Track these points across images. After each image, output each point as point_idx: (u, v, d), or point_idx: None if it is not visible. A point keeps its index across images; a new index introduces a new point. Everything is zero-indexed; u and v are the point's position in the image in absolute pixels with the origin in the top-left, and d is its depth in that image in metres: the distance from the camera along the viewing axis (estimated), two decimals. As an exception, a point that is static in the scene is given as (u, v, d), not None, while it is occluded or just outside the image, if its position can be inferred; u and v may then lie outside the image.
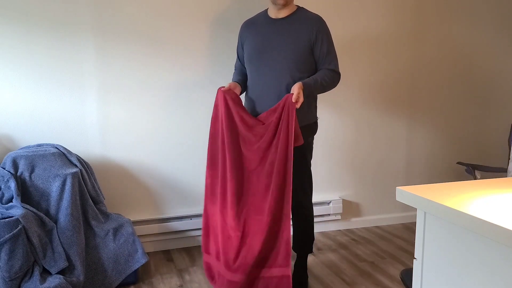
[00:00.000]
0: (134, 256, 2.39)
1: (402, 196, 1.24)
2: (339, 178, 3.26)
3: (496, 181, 1.33)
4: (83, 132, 2.69)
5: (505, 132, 3.57)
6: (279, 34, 2.24)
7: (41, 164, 2.27)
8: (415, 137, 3.44)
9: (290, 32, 2.22)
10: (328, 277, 2.54)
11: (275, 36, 2.25)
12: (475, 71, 3.52)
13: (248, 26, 2.39)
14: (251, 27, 2.37)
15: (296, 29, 2.23)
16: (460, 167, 3.38)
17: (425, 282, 1.23)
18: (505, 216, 0.98)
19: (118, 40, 2.68)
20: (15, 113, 2.56)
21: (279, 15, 2.27)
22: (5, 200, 2.18)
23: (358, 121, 3.26)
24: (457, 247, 1.10)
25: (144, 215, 2.87)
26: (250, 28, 2.37)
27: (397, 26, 3.25)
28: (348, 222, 3.35)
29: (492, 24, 3.50)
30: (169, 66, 2.79)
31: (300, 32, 2.22)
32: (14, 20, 2.48)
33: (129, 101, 2.75)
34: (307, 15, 2.28)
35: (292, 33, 2.22)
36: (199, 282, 2.49)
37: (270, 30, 2.27)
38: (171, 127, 2.86)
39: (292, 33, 2.22)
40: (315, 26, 2.23)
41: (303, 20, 2.25)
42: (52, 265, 2.12)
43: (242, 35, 2.41)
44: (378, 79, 3.27)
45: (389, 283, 2.47)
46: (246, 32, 2.38)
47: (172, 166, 2.90)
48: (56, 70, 2.59)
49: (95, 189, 2.46)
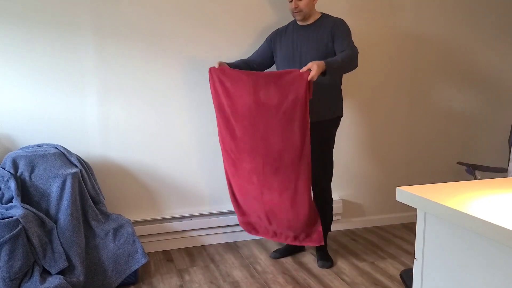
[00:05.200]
0: (134, 256, 2.39)
1: (402, 196, 1.24)
2: (339, 178, 3.25)
3: (496, 181, 1.33)
4: (83, 132, 2.69)
5: (505, 132, 3.57)
6: (305, 39, 2.54)
7: (41, 164, 2.27)
8: (415, 137, 3.44)
9: (314, 37, 2.52)
10: (328, 277, 2.54)
11: (303, 41, 2.55)
12: (475, 71, 3.52)
13: (280, 35, 2.67)
14: (282, 35, 2.65)
15: (319, 33, 2.52)
16: (460, 167, 3.37)
17: (425, 282, 1.23)
18: (505, 216, 0.98)
19: (118, 40, 2.68)
20: (15, 113, 2.56)
21: (305, 23, 2.59)
22: (5, 200, 2.18)
23: (357, 121, 3.26)
24: (457, 247, 1.10)
25: (144, 215, 2.87)
26: (281, 37, 2.65)
27: (397, 26, 3.25)
28: (348, 222, 3.35)
29: (492, 24, 3.50)
30: (169, 66, 2.79)
31: (322, 36, 2.51)
32: (14, 20, 2.48)
33: (129, 101, 2.75)
34: (328, 19, 2.56)
35: (316, 38, 2.52)
36: (199, 282, 2.49)
37: (299, 36, 2.58)
38: (171, 127, 2.86)
39: (316, 38, 2.52)
40: (332, 27, 2.51)
41: (324, 24, 2.54)
42: (52, 265, 2.12)
43: (273, 40, 2.70)
44: (377, 80, 3.27)
45: (389, 283, 2.47)
46: (277, 40, 2.66)
47: (172, 166, 2.89)
48: (56, 70, 2.59)
49: (95, 189, 2.46)
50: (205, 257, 2.82)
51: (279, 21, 2.86)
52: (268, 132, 2.41)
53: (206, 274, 2.57)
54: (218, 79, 2.51)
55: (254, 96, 2.40)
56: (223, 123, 2.55)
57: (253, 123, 2.43)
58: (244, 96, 2.43)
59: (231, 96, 2.48)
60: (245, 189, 2.63)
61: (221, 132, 2.59)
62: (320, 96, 2.54)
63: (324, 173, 2.68)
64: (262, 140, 2.43)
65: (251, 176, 2.54)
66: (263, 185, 2.51)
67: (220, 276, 2.55)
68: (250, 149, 2.49)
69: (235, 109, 2.48)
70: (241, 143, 2.51)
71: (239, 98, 2.45)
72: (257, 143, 2.45)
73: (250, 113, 2.43)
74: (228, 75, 2.49)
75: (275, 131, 2.39)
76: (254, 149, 2.47)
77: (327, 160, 2.68)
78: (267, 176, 2.48)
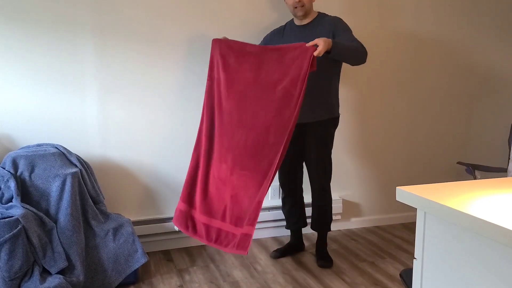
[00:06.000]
0: (134, 256, 2.39)
1: (402, 196, 1.24)
2: (339, 178, 3.25)
3: (496, 181, 1.33)
4: (83, 132, 2.69)
5: (505, 132, 3.57)
6: (304, 39, 2.43)
7: (41, 164, 2.27)
8: (415, 137, 3.44)
9: (312, 37, 2.41)
10: (328, 277, 2.54)
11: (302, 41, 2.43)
12: (475, 70, 3.52)
13: (277, 36, 2.66)
14: (280, 38, 2.64)
15: (318, 32, 2.48)
16: (460, 167, 3.38)
17: (425, 282, 1.23)
18: (505, 216, 0.98)
19: (118, 40, 2.68)
20: (15, 113, 2.56)
21: (302, 23, 2.59)
22: (5, 200, 2.18)
23: (357, 121, 3.26)
24: (457, 247, 1.10)
25: (144, 215, 2.87)
26: (279, 39, 2.63)
27: (397, 26, 3.25)
28: (348, 222, 3.35)
29: (492, 24, 3.50)
30: (169, 66, 2.79)
31: (321, 35, 2.42)
32: (14, 20, 2.48)
33: (129, 101, 2.75)
34: (326, 19, 2.56)
35: (315, 37, 2.39)
36: (199, 282, 2.49)
37: (297, 37, 2.55)
38: (171, 127, 2.86)
39: (315, 37, 2.39)
40: (331, 26, 2.50)
41: (323, 23, 2.53)
42: (52, 265, 2.12)
43: (269, 40, 2.69)
44: (377, 79, 3.27)
45: (389, 283, 2.47)
46: (275, 42, 2.64)
47: (172, 166, 2.90)
48: (56, 70, 2.59)
49: (95, 189, 2.46)
50: (205, 257, 2.82)
51: (279, 19, 2.86)
52: (260, 106, 2.35)
53: (206, 274, 2.58)
54: (220, 53, 2.51)
55: (255, 73, 2.40)
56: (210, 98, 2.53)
57: (246, 97, 2.41)
58: (245, 72, 2.42)
59: (230, 70, 2.47)
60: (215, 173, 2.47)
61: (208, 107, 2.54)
62: (318, 96, 2.54)
63: (323, 173, 2.68)
64: (252, 114, 2.37)
65: (227, 153, 2.41)
66: (236, 163, 2.37)
67: (220, 276, 2.55)
68: (237, 122, 2.41)
69: (231, 83, 2.45)
70: (228, 117, 2.45)
71: (238, 73, 2.44)
72: (246, 117, 2.39)
73: (245, 88, 2.41)
74: (233, 49, 2.48)
75: (269, 106, 2.33)
76: (241, 122, 2.40)
77: (326, 160, 2.68)
78: (247, 152, 2.34)
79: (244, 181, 2.34)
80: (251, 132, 2.36)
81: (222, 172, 2.43)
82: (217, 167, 2.46)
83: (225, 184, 2.42)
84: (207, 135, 2.53)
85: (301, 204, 2.86)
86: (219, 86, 2.51)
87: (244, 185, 2.33)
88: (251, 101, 2.39)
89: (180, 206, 2.55)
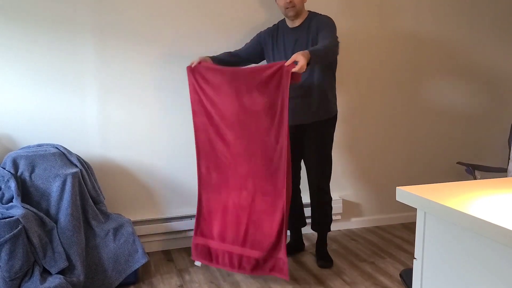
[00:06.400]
0: (134, 256, 2.39)
1: (402, 196, 1.24)
2: (339, 178, 3.26)
3: (496, 181, 1.33)
4: (83, 132, 2.69)
5: (505, 132, 3.57)
6: (295, 42, 2.50)
7: (41, 164, 2.28)
8: (415, 137, 3.44)
9: (303, 39, 2.48)
10: (328, 277, 2.54)
11: (295, 46, 2.51)
12: (475, 70, 3.52)
13: (270, 37, 2.62)
14: (273, 40, 2.61)
15: (308, 35, 2.48)
16: (460, 167, 3.38)
17: (425, 282, 1.23)
18: (505, 216, 0.99)
19: (118, 40, 2.68)
20: (15, 113, 2.56)
21: (294, 25, 2.55)
22: (5, 200, 2.18)
23: (357, 121, 3.26)
24: (457, 247, 1.10)
25: (144, 215, 2.87)
26: (272, 42, 2.60)
27: (396, 26, 3.25)
28: (348, 222, 3.35)
29: (492, 24, 3.50)
30: (169, 66, 2.79)
31: (310, 37, 2.47)
32: (14, 20, 2.48)
33: (129, 101, 2.75)
34: (315, 19, 2.52)
35: (307, 40, 2.48)
36: (199, 282, 2.49)
37: (289, 41, 2.54)
38: (171, 127, 2.86)
39: (307, 40, 2.48)
40: (316, 25, 2.47)
41: (313, 25, 2.49)
42: (52, 265, 2.12)
43: (263, 43, 2.64)
44: (377, 79, 3.27)
45: (389, 283, 2.47)
46: (268, 43, 2.62)
47: (172, 166, 2.90)
48: (56, 70, 2.59)
49: (95, 189, 2.46)
50: (205, 257, 2.82)
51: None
52: (261, 133, 2.36)
53: (206, 274, 2.58)
54: (197, 83, 2.46)
55: (238, 102, 2.37)
56: (213, 129, 2.48)
57: (244, 126, 2.39)
58: (228, 103, 2.39)
59: (215, 102, 2.43)
60: (230, 201, 2.50)
61: (210, 140, 2.50)
62: (317, 97, 2.54)
63: (323, 173, 2.68)
64: (258, 141, 2.38)
65: (247, 180, 2.44)
66: (257, 189, 2.42)
67: (220, 276, 2.55)
68: (244, 152, 2.42)
69: (222, 114, 2.43)
70: (234, 148, 2.44)
71: (223, 105, 2.41)
72: (252, 145, 2.39)
73: (239, 117, 2.39)
74: (208, 81, 2.43)
75: (270, 131, 2.34)
76: (249, 151, 2.40)
77: (326, 160, 2.68)
78: (266, 178, 2.39)
79: (265, 205, 2.41)
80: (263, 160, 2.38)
81: (243, 199, 2.46)
82: (237, 195, 2.48)
83: (243, 210, 2.46)
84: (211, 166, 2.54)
85: (300, 204, 2.86)
86: (214, 117, 2.47)
87: (265, 209, 2.41)
88: (250, 129, 2.38)
89: (196, 240, 2.58)
